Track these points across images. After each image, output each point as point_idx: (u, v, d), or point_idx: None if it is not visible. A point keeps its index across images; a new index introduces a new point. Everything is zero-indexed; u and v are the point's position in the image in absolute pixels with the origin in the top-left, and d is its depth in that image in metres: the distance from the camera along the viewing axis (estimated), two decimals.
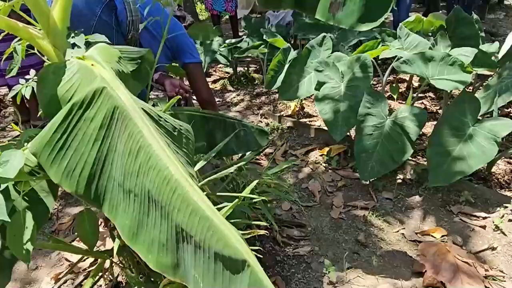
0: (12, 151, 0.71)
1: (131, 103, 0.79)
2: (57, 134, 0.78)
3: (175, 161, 0.73)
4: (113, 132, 0.78)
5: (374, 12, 1.09)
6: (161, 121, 0.84)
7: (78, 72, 0.88)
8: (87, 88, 0.80)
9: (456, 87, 1.98)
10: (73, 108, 0.79)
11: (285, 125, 2.68)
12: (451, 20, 2.61)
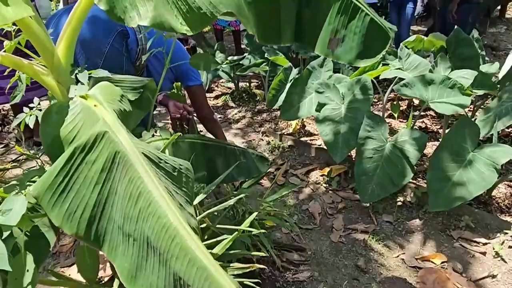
0: (15, 196, 0.73)
1: (132, 147, 0.80)
2: (59, 177, 0.79)
3: (174, 208, 0.74)
4: (114, 176, 0.79)
5: (372, 49, 1.11)
6: (161, 163, 0.85)
7: (81, 113, 0.89)
8: (90, 132, 0.82)
9: (455, 110, 2.00)
10: (75, 151, 0.80)
11: (286, 144, 2.69)
12: (451, 41, 2.63)
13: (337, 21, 1.11)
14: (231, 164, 1.51)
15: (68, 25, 1.02)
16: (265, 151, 2.68)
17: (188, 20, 0.99)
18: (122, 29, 1.57)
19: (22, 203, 0.71)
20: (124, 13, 0.99)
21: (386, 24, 1.11)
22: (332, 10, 1.11)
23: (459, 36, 2.60)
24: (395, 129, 2.78)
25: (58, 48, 1.03)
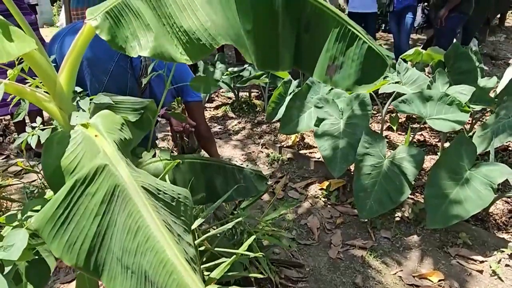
0: (16, 231, 0.74)
1: (131, 181, 0.82)
2: (59, 209, 0.81)
3: (172, 243, 0.75)
4: (114, 208, 0.81)
5: (370, 76, 1.14)
6: (159, 194, 0.87)
7: (82, 143, 0.91)
8: (90, 164, 0.83)
9: (453, 127, 2.01)
10: (76, 184, 0.82)
11: (286, 157, 2.71)
12: (449, 55, 2.65)
13: (335, 48, 1.13)
14: (230, 183, 1.53)
15: (70, 53, 1.04)
16: (264, 164, 2.70)
17: (188, 50, 1.01)
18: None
19: (23, 237, 0.73)
20: (126, 42, 1.01)
21: (384, 52, 1.13)
22: (330, 37, 1.13)
23: (457, 51, 2.62)
24: (394, 142, 2.79)
25: (61, 76, 1.05)
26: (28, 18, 2.36)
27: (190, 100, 1.92)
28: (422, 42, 6.29)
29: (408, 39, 4.69)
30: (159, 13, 1.02)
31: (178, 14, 1.01)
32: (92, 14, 1.02)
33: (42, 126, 1.17)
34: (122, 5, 1.01)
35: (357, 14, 4.78)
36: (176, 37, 1.01)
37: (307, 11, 1.11)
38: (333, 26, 1.11)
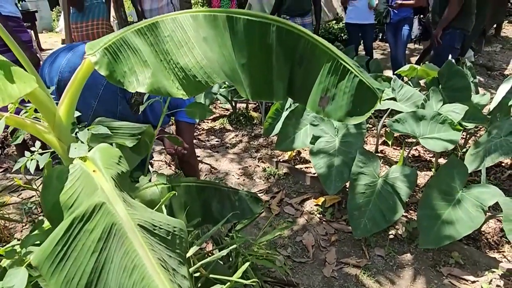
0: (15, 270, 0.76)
1: (128, 219, 0.84)
2: (58, 246, 0.83)
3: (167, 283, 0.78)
4: (111, 246, 0.83)
5: (361, 108, 1.16)
6: (155, 230, 0.90)
7: (80, 178, 0.94)
8: (88, 201, 0.86)
9: (445, 147, 2.05)
10: (74, 221, 0.84)
11: (282, 171, 2.74)
12: (443, 73, 2.69)
13: (327, 81, 1.16)
14: (226, 205, 1.56)
15: (70, 87, 1.07)
16: (261, 178, 2.73)
17: (184, 86, 1.04)
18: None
19: (23, 277, 0.75)
20: (124, 77, 1.05)
21: (374, 85, 1.16)
22: (322, 70, 1.16)
23: (451, 68, 2.66)
24: (389, 157, 2.83)
25: (60, 108, 1.08)
26: (24, 36, 2.39)
27: (180, 120, 1.89)
28: (419, 51, 6.35)
29: (405, 50, 4.74)
30: (156, 49, 1.05)
31: (175, 51, 1.04)
32: (91, 49, 1.05)
33: (40, 150, 1.20)
34: (120, 41, 1.05)
35: (354, 25, 4.84)
36: (173, 73, 1.04)
37: (300, 46, 1.14)
38: (325, 60, 1.14)
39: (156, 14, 3.62)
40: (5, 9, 2.22)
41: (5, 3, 2.23)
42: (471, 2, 3.37)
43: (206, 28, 1.07)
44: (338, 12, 8.57)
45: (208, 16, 1.08)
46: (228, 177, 2.74)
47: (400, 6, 4.44)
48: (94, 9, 3.15)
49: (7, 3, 2.25)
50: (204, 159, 2.97)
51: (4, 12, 2.20)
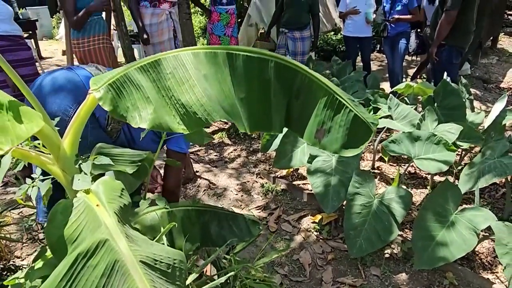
0: None
1: (130, 255, 0.88)
2: (62, 282, 0.86)
3: None
4: (113, 282, 0.86)
5: (356, 141, 1.20)
6: (156, 264, 0.93)
7: (84, 213, 0.97)
8: (92, 237, 0.89)
9: (439, 168, 2.09)
10: (78, 257, 0.87)
11: (279, 188, 2.77)
12: (439, 92, 2.74)
13: (323, 114, 1.20)
14: (225, 228, 1.59)
15: (74, 120, 1.11)
16: (259, 194, 2.76)
17: (185, 121, 1.08)
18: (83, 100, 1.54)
19: None
20: (126, 112, 1.08)
21: (369, 119, 1.20)
22: (319, 104, 1.19)
23: (446, 88, 2.71)
24: (385, 174, 2.87)
25: (64, 141, 1.11)
26: (23, 54, 2.42)
27: (170, 148, 1.77)
28: (416, 63, 6.43)
29: (402, 63, 4.80)
30: (159, 86, 1.09)
31: (177, 88, 1.08)
32: (96, 84, 1.09)
33: (41, 177, 1.23)
34: (124, 77, 1.08)
35: (352, 38, 4.90)
36: (174, 109, 1.08)
37: (297, 80, 1.18)
38: (321, 94, 1.18)
39: (155, 29, 3.67)
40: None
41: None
42: (468, 20, 3.39)
43: (207, 65, 1.11)
44: (336, 22, 8.65)
45: (209, 54, 1.12)
46: (227, 193, 2.77)
47: (397, 21, 4.51)
48: (95, 25, 3.18)
49: (1, 22, 2.27)
50: (203, 174, 3.01)
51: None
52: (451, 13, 3.23)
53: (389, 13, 4.60)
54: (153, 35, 3.68)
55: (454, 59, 3.52)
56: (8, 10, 2.34)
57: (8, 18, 2.32)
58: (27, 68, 2.46)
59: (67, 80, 1.56)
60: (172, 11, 3.75)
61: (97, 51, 3.21)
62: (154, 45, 3.72)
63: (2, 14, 2.26)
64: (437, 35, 3.36)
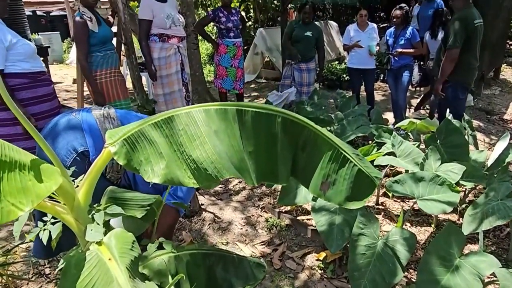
0: None
1: None
2: None
3: None
4: None
5: (360, 194, 1.24)
6: None
7: (97, 267, 1.00)
8: None
9: (443, 210, 2.11)
10: None
11: (284, 223, 2.79)
12: (441, 130, 2.78)
13: (328, 167, 1.24)
14: (230, 272, 1.61)
15: (90, 172, 1.16)
16: (263, 229, 2.77)
17: (195, 176, 1.12)
18: (83, 150, 1.59)
19: None
20: (140, 165, 1.13)
21: (373, 173, 1.24)
22: (324, 157, 1.24)
23: (448, 126, 2.76)
24: (389, 210, 2.88)
25: (79, 192, 1.16)
26: (43, 90, 2.48)
27: (166, 203, 1.68)
28: (420, 94, 6.51)
29: (405, 95, 4.86)
30: (171, 141, 1.14)
31: (188, 144, 1.13)
32: (111, 138, 1.14)
33: (52, 220, 1.27)
34: (138, 133, 1.14)
35: (356, 69, 5.00)
36: (185, 163, 1.13)
37: (303, 134, 1.23)
38: (327, 148, 1.23)
39: (164, 62, 3.78)
40: (17, 67, 2.31)
41: (19, 61, 2.32)
42: (471, 57, 3.46)
43: (217, 121, 1.17)
44: (340, 51, 8.84)
45: (219, 110, 1.17)
46: (231, 227, 2.79)
47: (401, 54, 4.60)
48: (108, 59, 3.30)
49: (21, 61, 2.33)
50: (208, 207, 3.03)
51: (16, 70, 2.30)
52: (454, 51, 3.32)
53: (393, 47, 4.71)
54: (161, 68, 3.78)
55: (460, 94, 3.57)
56: (31, 47, 2.42)
57: (30, 56, 2.39)
58: (46, 104, 2.51)
59: (70, 126, 1.63)
60: (180, 46, 3.87)
61: (109, 83, 3.31)
62: (162, 77, 3.83)
63: (24, 53, 2.33)
64: (441, 72, 3.43)
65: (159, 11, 3.67)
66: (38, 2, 15.70)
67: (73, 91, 7.35)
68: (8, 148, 0.91)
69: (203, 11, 10.61)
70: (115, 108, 1.77)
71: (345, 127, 3.41)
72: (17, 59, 2.28)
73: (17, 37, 2.33)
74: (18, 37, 2.34)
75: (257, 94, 7.13)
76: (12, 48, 2.25)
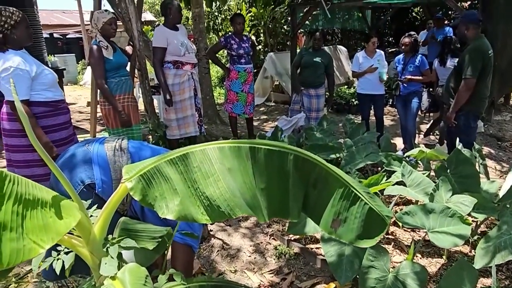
0: None
1: None
2: None
3: None
4: None
5: (371, 233, 1.24)
6: None
7: None
8: None
9: (455, 243, 2.09)
10: None
11: (293, 251, 2.77)
12: (451, 160, 2.78)
13: (339, 205, 1.25)
14: None
15: (106, 207, 1.19)
16: (272, 257, 2.76)
17: (208, 212, 1.14)
18: (90, 182, 1.64)
19: None
20: (154, 201, 1.16)
21: (384, 212, 1.25)
22: (335, 195, 1.25)
23: (459, 157, 2.75)
24: (400, 240, 2.85)
25: (95, 226, 1.18)
26: (60, 118, 2.55)
27: (177, 241, 1.72)
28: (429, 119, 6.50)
29: (415, 121, 4.87)
30: (186, 178, 1.17)
31: (202, 181, 1.16)
32: (128, 174, 1.18)
33: (66, 250, 1.30)
34: (154, 169, 1.17)
35: (365, 95, 5.05)
36: (199, 200, 1.15)
37: (315, 172, 1.25)
38: (338, 186, 1.25)
39: (177, 88, 3.87)
40: (41, 96, 2.40)
41: (42, 90, 2.41)
42: (484, 87, 3.47)
43: (231, 158, 1.20)
44: (349, 76, 8.93)
45: (233, 147, 1.21)
46: (240, 254, 2.78)
47: (410, 81, 4.64)
48: (122, 85, 3.39)
49: (44, 90, 2.42)
50: (217, 233, 3.04)
51: (40, 99, 2.38)
52: (470, 81, 3.33)
53: (402, 73, 4.75)
54: (175, 93, 3.87)
55: (472, 123, 3.57)
56: (53, 77, 2.51)
57: (52, 85, 2.48)
58: (64, 132, 2.58)
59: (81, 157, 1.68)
60: (193, 72, 3.97)
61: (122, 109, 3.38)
62: (176, 102, 3.91)
63: (47, 83, 2.42)
64: (456, 102, 3.43)
65: (173, 39, 3.78)
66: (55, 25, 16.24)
67: (86, 112, 7.51)
68: (32, 187, 0.95)
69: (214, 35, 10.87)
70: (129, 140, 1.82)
71: (354, 155, 3.42)
72: (41, 88, 2.37)
73: (41, 67, 2.42)
74: (42, 67, 2.43)
75: (266, 118, 7.20)
76: (37, 78, 2.34)
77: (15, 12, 2.30)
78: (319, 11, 7.57)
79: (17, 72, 2.23)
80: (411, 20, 11.74)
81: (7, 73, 2.20)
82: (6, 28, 2.24)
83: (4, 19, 2.23)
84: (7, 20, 2.24)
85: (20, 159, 2.38)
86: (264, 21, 9.61)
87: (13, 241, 0.83)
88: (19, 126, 2.32)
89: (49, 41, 11.98)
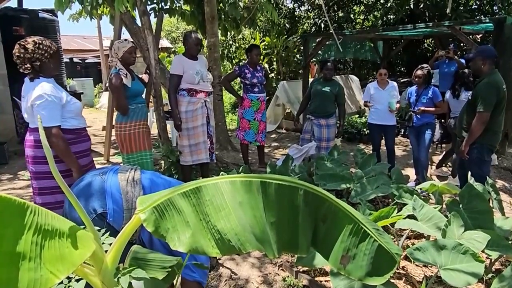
0: None
1: None
2: None
3: None
4: None
5: (380, 270, 1.24)
6: None
7: None
8: None
9: (468, 282, 2.04)
10: None
11: (301, 283, 2.73)
12: (464, 195, 2.75)
13: (349, 241, 1.26)
14: None
15: (119, 237, 1.22)
16: None
17: (219, 246, 1.16)
18: (102, 211, 1.69)
19: None
20: (166, 233, 1.18)
21: (393, 250, 1.25)
22: (344, 231, 1.26)
23: (471, 191, 2.73)
24: (411, 275, 2.79)
25: (108, 256, 1.21)
26: (82, 146, 2.61)
27: (185, 278, 1.72)
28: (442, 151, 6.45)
29: (427, 153, 4.84)
30: (198, 210, 1.20)
31: (214, 214, 1.19)
32: (141, 205, 1.21)
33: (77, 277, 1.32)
34: (168, 201, 1.21)
35: (376, 125, 5.05)
36: (210, 233, 1.18)
37: (324, 207, 1.27)
38: (347, 222, 1.26)
39: (190, 115, 3.95)
40: (68, 123, 2.48)
41: (69, 118, 2.49)
42: (498, 121, 3.46)
43: (242, 192, 1.23)
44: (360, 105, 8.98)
45: (244, 182, 1.24)
46: (248, 285, 2.75)
47: (423, 112, 4.64)
48: (138, 112, 3.49)
49: (71, 118, 2.51)
50: (225, 262, 3.02)
51: (66, 126, 2.46)
52: (485, 115, 3.33)
53: (415, 105, 4.77)
54: (188, 120, 3.95)
55: (486, 156, 3.54)
56: (79, 106, 2.60)
57: (78, 114, 2.58)
58: (86, 159, 2.65)
59: (96, 187, 1.75)
60: (207, 100, 4.06)
61: (136, 135, 3.47)
62: (189, 129, 3.98)
63: (74, 111, 2.51)
64: (470, 135, 3.42)
65: (189, 67, 3.90)
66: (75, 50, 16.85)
67: (100, 135, 7.67)
68: (51, 217, 0.99)
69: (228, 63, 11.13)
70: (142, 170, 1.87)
71: (365, 186, 3.40)
72: (68, 116, 2.46)
73: (69, 96, 2.53)
74: (69, 95, 2.54)
75: (277, 145, 7.24)
76: (65, 106, 2.44)
77: (53, 43, 2.45)
78: (331, 41, 7.71)
79: (52, 99, 2.33)
80: (423, 51, 11.85)
81: (41, 100, 2.30)
82: (45, 57, 2.37)
83: (45, 48, 2.37)
84: (47, 50, 2.38)
85: (45, 186, 2.43)
86: (277, 50, 9.82)
87: (31, 271, 0.87)
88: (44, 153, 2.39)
89: (69, 65, 12.42)
